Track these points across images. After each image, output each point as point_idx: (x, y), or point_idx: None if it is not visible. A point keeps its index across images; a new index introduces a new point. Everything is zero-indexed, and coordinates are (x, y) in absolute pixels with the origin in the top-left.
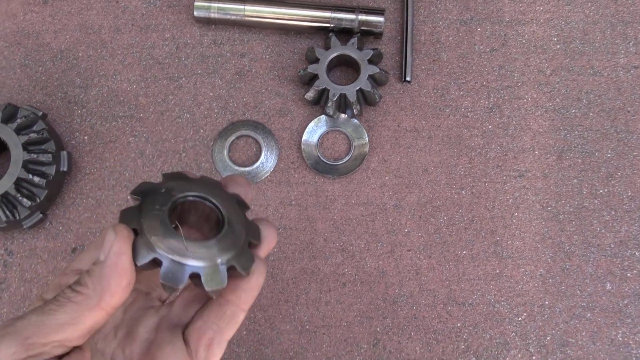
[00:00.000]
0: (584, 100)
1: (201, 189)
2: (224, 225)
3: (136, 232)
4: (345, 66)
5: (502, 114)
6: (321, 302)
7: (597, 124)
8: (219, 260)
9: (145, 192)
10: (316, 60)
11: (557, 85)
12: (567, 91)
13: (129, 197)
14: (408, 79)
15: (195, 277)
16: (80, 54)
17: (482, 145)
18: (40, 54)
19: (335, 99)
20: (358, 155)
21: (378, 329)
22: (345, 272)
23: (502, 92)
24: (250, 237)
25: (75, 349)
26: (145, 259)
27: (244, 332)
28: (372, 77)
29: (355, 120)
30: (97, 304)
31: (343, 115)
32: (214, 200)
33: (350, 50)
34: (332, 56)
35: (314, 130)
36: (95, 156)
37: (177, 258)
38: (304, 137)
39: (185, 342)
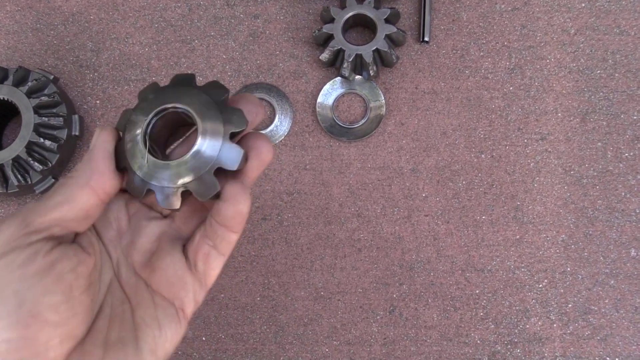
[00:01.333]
0: (610, 61)
1: (179, 99)
2: (194, 145)
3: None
4: (362, 26)
5: (523, 75)
6: (336, 268)
7: (623, 85)
8: (174, 184)
9: (142, 99)
10: (331, 20)
11: (581, 45)
12: (592, 51)
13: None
14: (426, 39)
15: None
16: (91, 17)
17: (503, 107)
18: (52, 17)
19: (350, 60)
20: (374, 118)
21: (394, 296)
22: (361, 237)
23: (524, 52)
24: (233, 128)
25: (82, 237)
26: (120, 164)
27: (258, 299)
28: (389, 37)
29: (372, 82)
30: (87, 183)
31: (359, 77)
32: (190, 113)
33: (366, 9)
34: (347, 15)
35: (329, 93)
36: (107, 120)
37: (139, 173)
38: (319, 100)
39: (185, 255)
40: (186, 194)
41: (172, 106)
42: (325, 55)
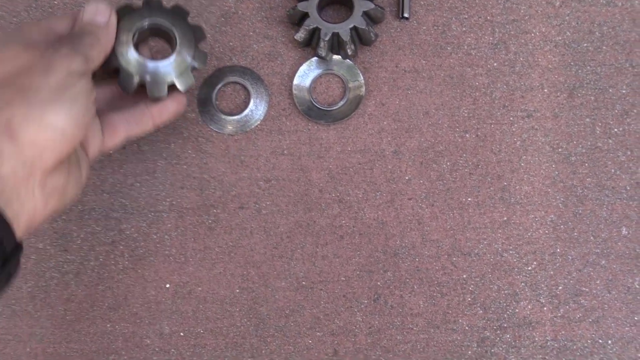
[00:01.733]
0: (597, 33)
1: (165, 17)
2: (173, 52)
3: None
4: (338, 4)
5: (508, 50)
6: (318, 257)
7: (611, 58)
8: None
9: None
10: None
11: (567, 18)
12: (578, 24)
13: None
14: (406, 15)
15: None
16: (55, 2)
17: (487, 84)
18: (14, 3)
19: (327, 39)
20: (354, 99)
21: (379, 283)
22: (343, 224)
23: (507, 26)
24: (199, 39)
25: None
26: (111, 65)
27: (237, 291)
28: (366, 14)
29: (349, 61)
30: (106, 51)
31: (336, 57)
32: (172, 31)
33: None
34: None
35: (306, 74)
36: None
37: (133, 70)
38: (295, 82)
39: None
40: (171, 89)
41: (154, 22)
42: (300, 35)
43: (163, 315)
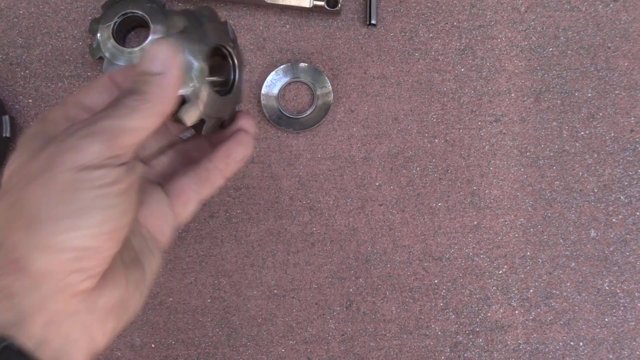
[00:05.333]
0: (562, 38)
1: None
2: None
3: None
4: None
5: (475, 55)
6: (289, 265)
7: (576, 62)
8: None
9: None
10: None
11: (532, 23)
12: (544, 29)
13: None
14: (373, 22)
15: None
16: (21, 12)
17: (455, 89)
18: None
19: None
20: (322, 106)
21: (351, 290)
22: (314, 231)
23: (474, 32)
24: (174, 29)
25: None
26: (96, 54)
27: (209, 300)
28: None
29: (316, 68)
30: (162, 113)
31: (303, 64)
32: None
33: None
34: None
35: (274, 83)
36: None
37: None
38: (263, 91)
39: (166, 192)
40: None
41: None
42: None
43: (134, 326)
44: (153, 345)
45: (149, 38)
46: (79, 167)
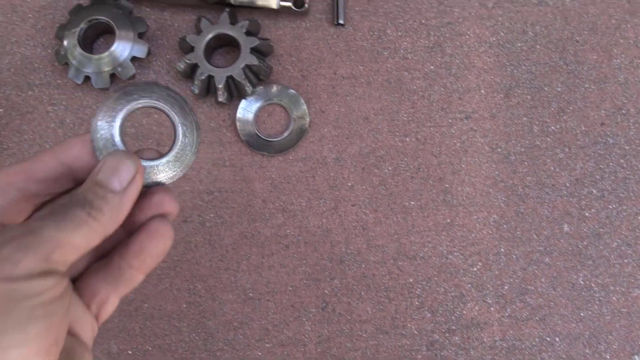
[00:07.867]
0: (530, 33)
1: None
2: (113, 44)
3: None
4: (226, 46)
5: (443, 53)
6: (264, 268)
7: (545, 57)
8: (99, 69)
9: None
10: (192, 49)
11: (500, 19)
12: (512, 24)
13: None
14: (341, 22)
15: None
16: None
17: (425, 87)
18: None
19: (222, 85)
20: (297, 130)
21: (326, 291)
22: (288, 233)
23: (442, 29)
24: (139, 29)
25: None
26: (62, 61)
27: (184, 306)
28: (255, 50)
29: (292, 90)
30: (109, 232)
31: (276, 87)
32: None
33: (223, 27)
34: (207, 39)
35: (248, 110)
36: (12, 129)
37: (75, 63)
38: (239, 115)
39: (78, 293)
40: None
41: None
42: (195, 89)
43: (110, 334)
44: (130, 352)
45: (114, 44)
46: (10, 279)
